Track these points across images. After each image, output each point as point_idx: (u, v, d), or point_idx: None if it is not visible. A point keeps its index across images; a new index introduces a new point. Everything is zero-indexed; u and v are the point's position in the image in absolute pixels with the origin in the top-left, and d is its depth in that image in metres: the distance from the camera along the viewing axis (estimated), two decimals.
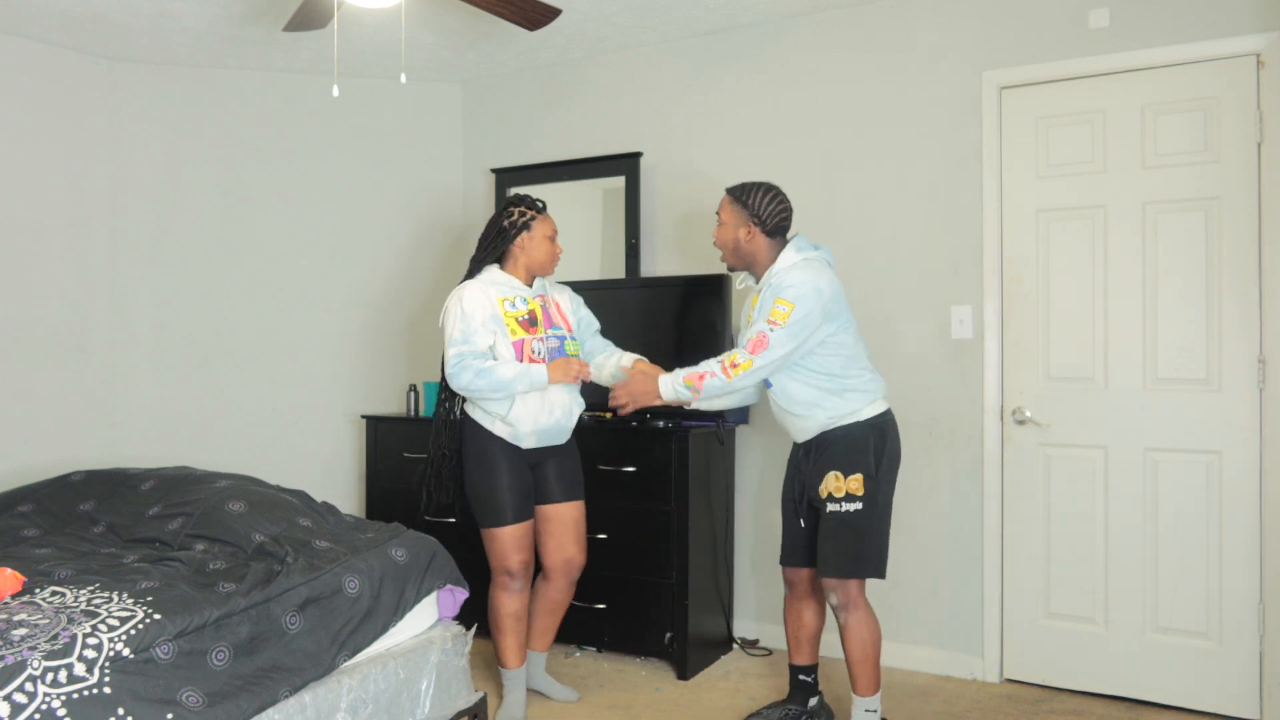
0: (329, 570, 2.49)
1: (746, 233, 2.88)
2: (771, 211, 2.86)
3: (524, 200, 3.13)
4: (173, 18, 3.80)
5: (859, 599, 2.84)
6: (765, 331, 2.73)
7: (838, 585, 2.82)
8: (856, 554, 2.80)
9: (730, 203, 2.92)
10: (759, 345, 2.74)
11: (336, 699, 2.38)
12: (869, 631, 2.85)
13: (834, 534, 2.80)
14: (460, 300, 2.99)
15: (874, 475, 2.80)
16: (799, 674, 3.08)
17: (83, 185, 4.24)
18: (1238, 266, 3.13)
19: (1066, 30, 3.36)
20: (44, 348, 4.10)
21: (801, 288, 2.74)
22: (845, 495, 2.79)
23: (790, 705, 3.08)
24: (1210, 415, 3.17)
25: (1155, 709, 3.24)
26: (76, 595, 2.21)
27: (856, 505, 2.78)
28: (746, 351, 2.76)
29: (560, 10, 3.07)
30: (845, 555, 2.79)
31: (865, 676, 2.86)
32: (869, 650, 2.85)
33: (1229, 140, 3.14)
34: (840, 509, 2.80)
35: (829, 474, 2.81)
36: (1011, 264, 3.48)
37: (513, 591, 3.11)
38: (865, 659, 2.85)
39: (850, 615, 2.84)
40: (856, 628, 2.84)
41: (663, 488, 3.57)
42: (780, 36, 3.90)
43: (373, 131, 4.64)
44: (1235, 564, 3.14)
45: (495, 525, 3.05)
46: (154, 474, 3.18)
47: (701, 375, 2.80)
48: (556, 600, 3.27)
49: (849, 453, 2.80)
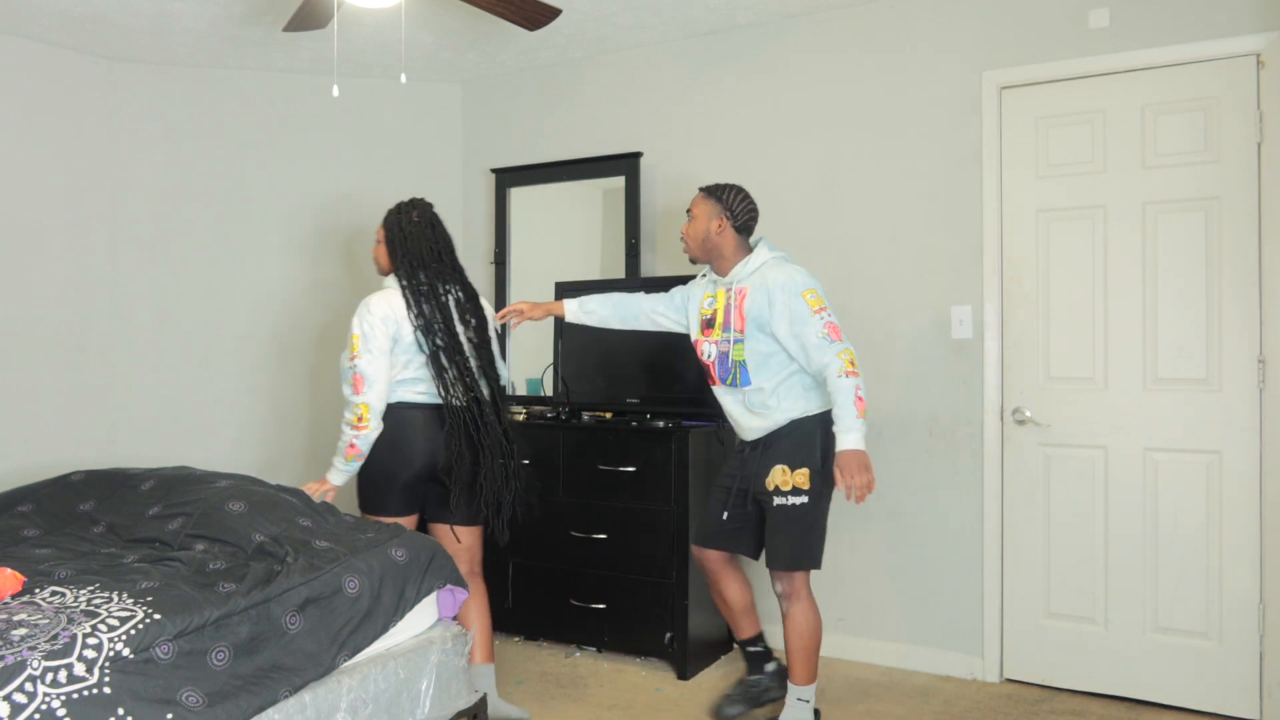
0: (329, 570, 2.49)
1: (718, 225, 2.99)
2: (742, 208, 3.00)
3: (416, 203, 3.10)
4: (173, 18, 3.81)
5: (803, 589, 2.94)
6: (829, 320, 2.82)
7: (784, 576, 2.93)
8: (804, 546, 2.89)
9: (704, 198, 3.03)
10: (835, 331, 2.82)
11: (336, 699, 2.38)
12: (810, 623, 2.94)
13: (782, 527, 2.89)
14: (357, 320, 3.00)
15: (819, 470, 2.88)
16: (747, 647, 3.18)
17: (83, 185, 4.24)
18: (1238, 266, 3.13)
19: (1066, 30, 3.36)
20: (44, 348, 4.10)
21: (805, 275, 2.89)
22: (791, 489, 2.87)
23: (749, 679, 3.18)
24: (1210, 415, 3.17)
25: (1155, 709, 3.24)
26: (76, 595, 2.21)
27: (802, 499, 2.86)
28: (837, 343, 2.80)
29: (560, 10, 3.07)
30: (794, 548, 2.88)
31: (802, 666, 2.93)
32: (808, 640, 2.93)
33: (1229, 140, 3.14)
34: (786, 502, 2.87)
35: (776, 467, 2.89)
36: (1011, 264, 3.48)
37: None
38: (804, 649, 2.92)
39: (794, 605, 2.93)
40: (799, 618, 2.92)
41: (663, 488, 3.57)
42: (780, 36, 3.90)
43: (373, 131, 4.64)
44: (1235, 564, 3.14)
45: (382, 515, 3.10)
46: (154, 474, 3.18)
47: (858, 397, 2.76)
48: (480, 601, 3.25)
49: (797, 447, 2.88)
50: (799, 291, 2.84)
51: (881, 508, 3.67)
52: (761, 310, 2.88)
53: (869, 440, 3.11)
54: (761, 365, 2.90)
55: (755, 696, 3.16)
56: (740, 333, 2.92)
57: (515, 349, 4.52)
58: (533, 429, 3.90)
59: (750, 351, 2.91)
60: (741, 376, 2.94)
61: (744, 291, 2.93)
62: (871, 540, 3.69)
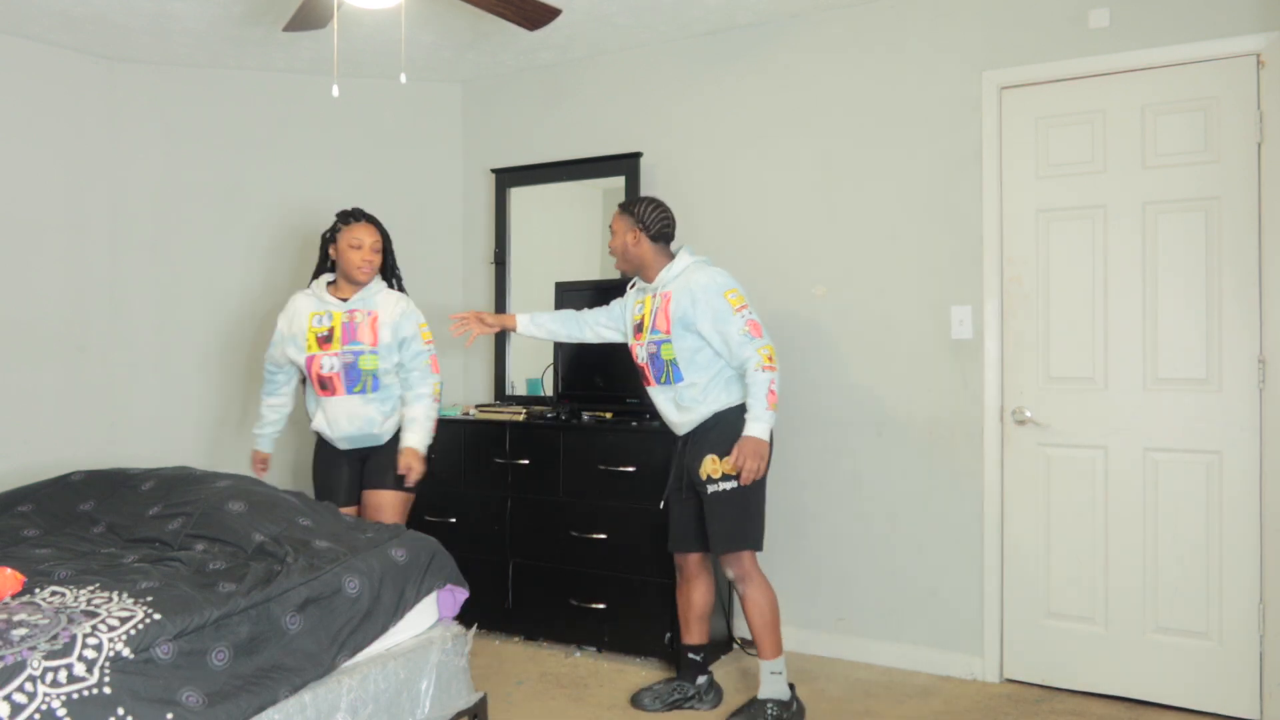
0: (329, 570, 2.49)
1: (634, 238, 3.19)
2: (654, 219, 3.19)
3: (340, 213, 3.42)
4: (173, 18, 3.81)
5: (753, 570, 3.12)
6: (750, 317, 3.04)
7: (732, 560, 3.10)
8: (740, 528, 3.07)
9: (620, 215, 3.24)
10: (756, 329, 3.04)
11: (336, 699, 2.38)
12: (766, 599, 3.10)
13: (718, 513, 3.06)
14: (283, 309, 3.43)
15: None
16: (688, 652, 3.31)
17: (83, 185, 4.24)
18: (1238, 266, 3.13)
19: (1066, 30, 3.36)
20: (44, 348, 4.10)
21: (726, 277, 3.09)
22: (722, 476, 3.04)
23: (680, 681, 3.31)
24: (1210, 415, 3.17)
25: (1155, 709, 3.24)
26: (76, 595, 2.21)
27: (731, 484, 3.04)
28: (757, 339, 3.02)
29: (560, 10, 3.07)
30: (730, 530, 3.06)
31: (767, 641, 3.09)
32: (768, 616, 3.09)
33: (1229, 140, 3.14)
34: (720, 489, 3.05)
35: (706, 458, 3.05)
36: (1011, 264, 3.48)
37: None
38: (765, 624, 3.09)
39: (747, 586, 3.11)
40: (754, 596, 3.10)
41: (663, 488, 3.57)
42: (780, 36, 3.90)
43: (373, 131, 4.64)
44: (1235, 564, 3.14)
45: None
46: (154, 474, 3.18)
47: (770, 390, 2.99)
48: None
49: (724, 437, 3.05)
50: (720, 291, 3.04)
51: (881, 508, 3.67)
52: (685, 310, 3.06)
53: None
54: (690, 361, 3.09)
55: (676, 701, 3.26)
56: (666, 333, 3.12)
57: (515, 349, 4.52)
58: (533, 429, 3.90)
59: (679, 349, 3.10)
60: (675, 374, 3.13)
61: (669, 295, 3.13)
62: (871, 540, 3.69)
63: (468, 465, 4.02)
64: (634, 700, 3.30)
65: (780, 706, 3.07)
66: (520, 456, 3.89)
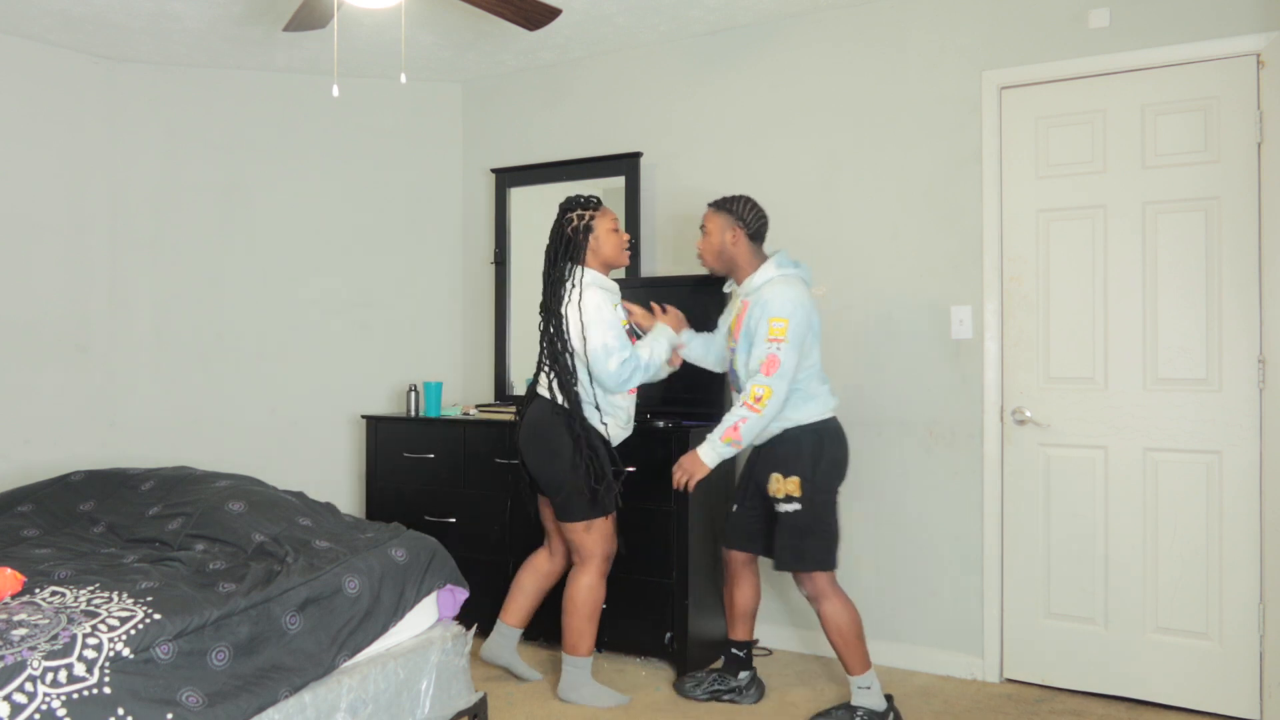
0: (329, 570, 2.49)
1: (732, 236, 3.14)
2: (753, 216, 3.15)
3: (577, 202, 3.23)
4: (173, 18, 3.81)
5: (827, 588, 3.06)
6: (773, 352, 2.98)
7: (804, 579, 3.08)
8: (800, 551, 3.04)
9: (715, 212, 3.19)
10: (772, 366, 2.98)
11: (336, 699, 2.38)
12: (843, 617, 3.05)
13: (780, 533, 3.06)
14: (600, 309, 3.13)
15: (810, 478, 3.04)
16: (731, 648, 3.34)
17: (83, 185, 4.24)
18: (1238, 266, 3.13)
19: (1066, 30, 3.36)
20: (44, 348, 4.10)
21: (789, 303, 3.00)
22: (785, 496, 3.04)
23: (722, 673, 3.33)
24: (1210, 415, 3.17)
25: (1155, 709, 3.24)
26: (76, 595, 2.21)
27: (795, 506, 3.03)
28: (762, 376, 2.98)
29: (560, 10, 3.08)
30: (789, 551, 3.05)
31: (852, 658, 3.05)
32: (847, 634, 3.04)
33: (1229, 140, 3.14)
34: (783, 510, 3.05)
35: (772, 474, 3.07)
36: (1011, 264, 3.48)
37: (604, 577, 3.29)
38: (847, 642, 3.04)
39: (822, 605, 3.06)
40: (831, 616, 3.05)
41: (663, 488, 3.57)
42: (780, 36, 3.90)
43: (373, 131, 4.64)
44: (1235, 564, 3.14)
45: (606, 513, 3.21)
46: (154, 474, 3.18)
47: (735, 426, 3.02)
48: (555, 580, 3.47)
49: (788, 456, 3.06)
50: (768, 316, 3.01)
51: (881, 508, 3.67)
52: (753, 327, 3.06)
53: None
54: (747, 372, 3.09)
55: (718, 690, 3.31)
56: (737, 342, 3.13)
57: (515, 349, 4.52)
58: None
59: (740, 364, 3.12)
60: (736, 382, 3.18)
61: (746, 305, 3.11)
62: (872, 540, 3.69)
63: (468, 465, 4.02)
64: (676, 686, 3.36)
65: (872, 716, 3.03)
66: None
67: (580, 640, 3.24)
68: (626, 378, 3.15)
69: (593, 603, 3.24)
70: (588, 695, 3.24)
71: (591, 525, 3.19)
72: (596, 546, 3.22)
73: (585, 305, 3.12)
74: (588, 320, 3.11)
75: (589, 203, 3.23)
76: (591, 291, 3.15)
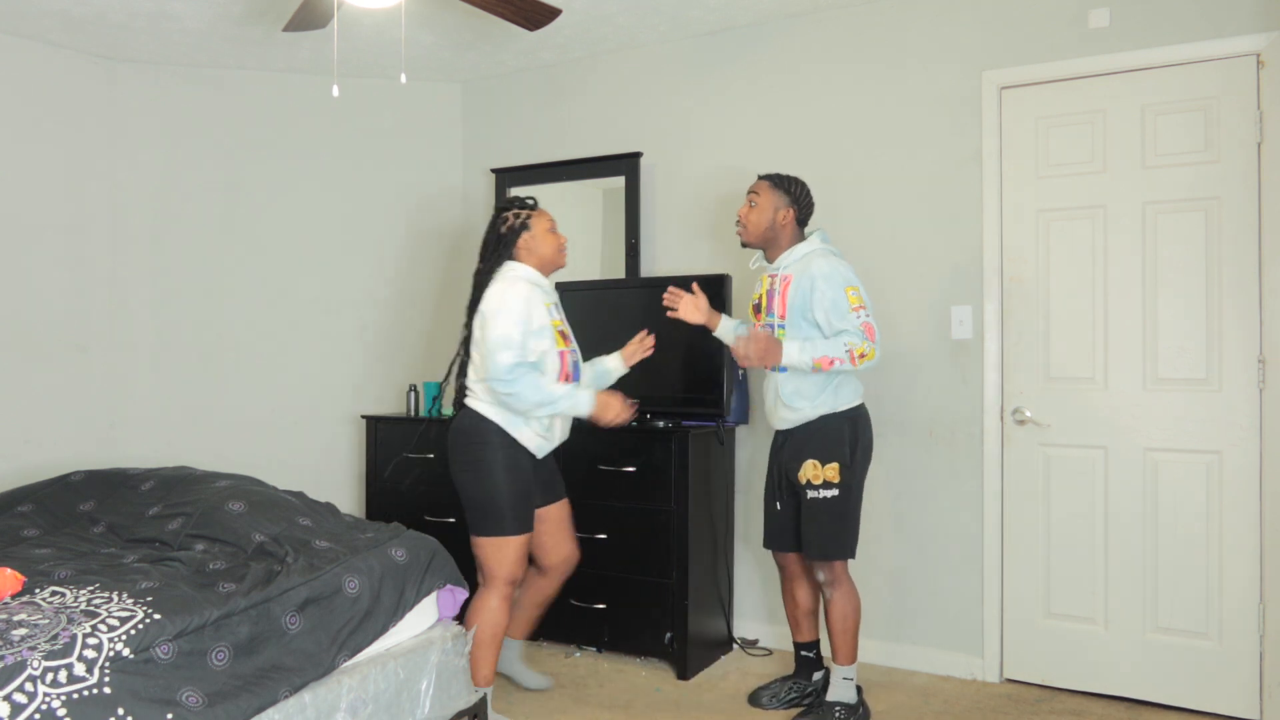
0: (329, 570, 2.49)
1: (784, 215, 3.11)
2: (807, 201, 3.15)
3: (514, 203, 3.12)
4: (173, 18, 3.81)
5: (843, 576, 3.09)
6: (866, 320, 2.95)
7: (824, 565, 3.07)
8: (836, 537, 3.03)
9: (771, 187, 3.14)
10: (872, 332, 2.95)
11: (336, 699, 2.38)
12: (851, 606, 3.09)
13: (814, 519, 3.03)
14: (517, 300, 2.89)
15: (849, 464, 3.03)
16: (800, 650, 3.30)
17: (83, 185, 4.24)
18: (1238, 266, 3.13)
19: (1066, 30, 3.36)
20: (44, 348, 4.10)
21: (849, 270, 3.00)
22: (823, 482, 3.01)
23: (796, 679, 3.29)
24: (1210, 415, 3.17)
25: (1155, 709, 3.24)
26: (76, 595, 2.21)
27: (834, 492, 3.01)
28: (870, 341, 2.94)
29: (560, 10, 3.07)
30: (826, 538, 3.03)
31: (845, 647, 3.09)
32: (849, 623, 3.08)
33: (1229, 140, 3.14)
34: (819, 495, 3.02)
35: (807, 462, 3.03)
36: (1011, 264, 3.48)
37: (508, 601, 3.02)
38: (845, 630, 3.08)
39: (835, 591, 3.08)
40: (840, 602, 3.08)
41: (663, 488, 3.57)
42: (780, 37, 3.90)
43: (373, 131, 4.64)
44: (1235, 564, 3.14)
45: (511, 533, 2.95)
46: (154, 474, 3.18)
47: (830, 359, 2.92)
48: (550, 595, 3.32)
49: (826, 442, 3.02)
50: (842, 285, 2.96)
51: (881, 507, 3.67)
52: (805, 297, 3.00)
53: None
54: None
55: (794, 700, 3.25)
56: (782, 319, 3.05)
57: None
58: None
59: (790, 339, 3.02)
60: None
61: (789, 279, 3.05)
62: (871, 540, 3.69)
63: None
64: (752, 699, 3.30)
65: (847, 710, 3.08)
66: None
67: (479, 668, 2.96)
68: (514, 388, 2.84)
69: (493, 630, 2.97)
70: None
71: (504, 544, 2.95)
72: (501, 567, 2.95)
73: (505, 294, 2.89)
74: (495, 308, 2.88)
75: (525, 203, 3.11)
76: (518, 285, 2.93)
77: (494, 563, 2.96)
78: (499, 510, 2.94)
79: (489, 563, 2.97)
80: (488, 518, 2.95)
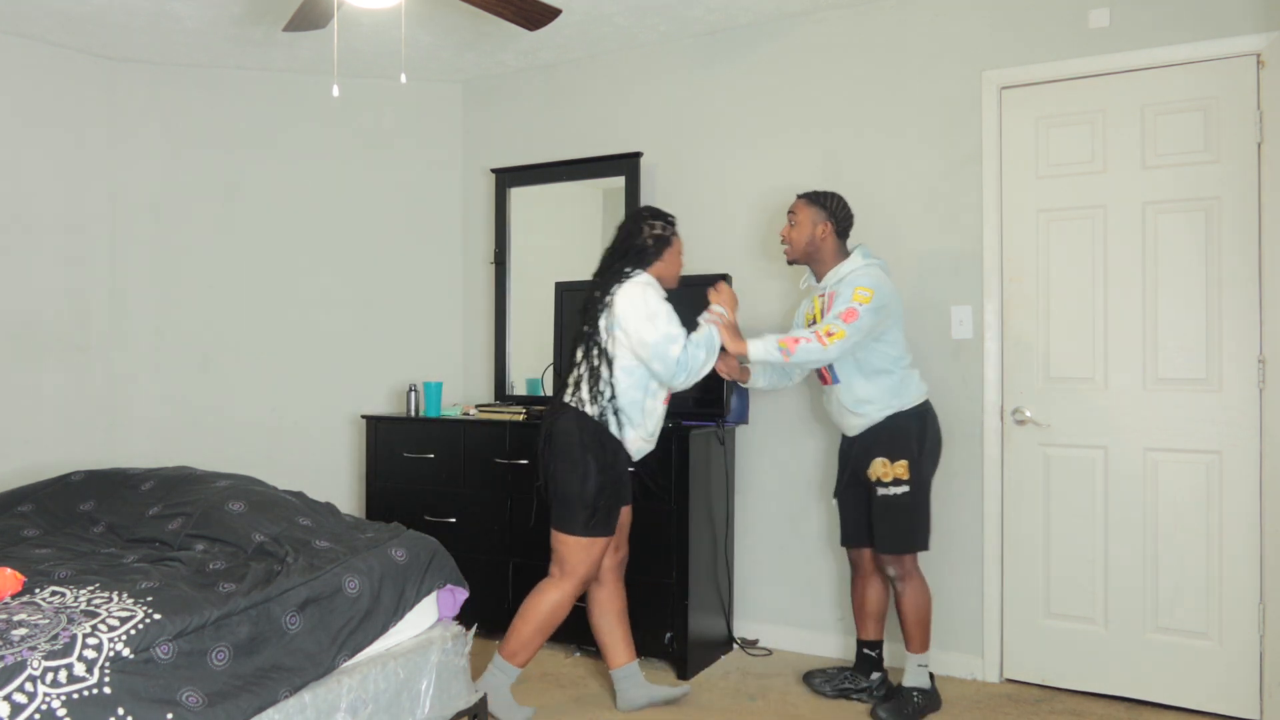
0: (329, 570, 2.49)
1: (823, 230, 3.19)
2: (844, 214, 3.21)
3: (663, 215, 3.16)
4: (173, 18, 3.81)
5: (913, 570, 3.18)
6: (854, 306, 3.01)
7: (894, 559, 3.15)
8: (907, 532, 3.12)
9: (808, 204, 3.22)
10: (851, 316, 3.00)
11: (336, 699, 2.38)
12: (924, 597, 3.18)
13: (885, 515, 3.12)
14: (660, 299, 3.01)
15: (917, 460, 3.12)
16: (863, 648, 3.38)
17: (83, 185, 4.24)
18: (1238, 266, 3.13)
19: (1066, 30, 3.36)
20: (44, 348, 4.10)
21: (877, 283, 3.07)
22: (893, 480, 3.10)
23: (854, 673, 3.37)
24: (1210, 415, 3.17)
25: (1155, 709, 3.24)
26: (76, 595, 2.21)
27: (903, 488, 3.10)
28: (840, 322, 2.99)
29: (560, 10, 3.07)
30: (898, 534, 3.12)
31: (918, 637, 3.18)
32: (922, 614, 3.17)
33: (1229, 140, 3.14)
34: (889, 492, 3.11)
35: (876, 459, 3.12)
36: (1011, 264, 3.48)
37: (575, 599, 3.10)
38: (919, 621, 3.17)
39: (907, 584, 3.17)
40: (912, 595, 3.17)
41: (663, 488, 3.57)
42: (780, 36, 3.90)
43: (373, 131, 4.64)
44: (1235, 564, 3.14)
45: (602, 535, 3.02)
46: (154, 474, 3.18)
47: (796, 340, 3.00)
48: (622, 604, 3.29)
49: (894, 440, 3.11)
50: (855, 284, 3.06)
51: None
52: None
53: None
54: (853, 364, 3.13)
55: (846, 689, 3.34)
56: None
57: (515, 349, 4.52)
58: (533, 429, 3.89)
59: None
60: (833, 374, 3.19)
61: (834, 295, 3.14)
62: None
63: (468, 465, 4.02)
64: (805, 678, 3.43)
65: (924, 695, 3.18)
66: (520, 456, 3.89)
67: (522, 649, 3.05)
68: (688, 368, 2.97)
69: (552, 620, 3.05)
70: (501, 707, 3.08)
71: (593, 544, 3.02)
72: (583, 566, 3.03)
73: (646, 297, 2.98)
74: (649, 311, 2.96)
75: (670, 218, 3.15)
76: (651, 288, 3.02)
77: (577, 560, 3.04)
78: (596, 511, 3.01)
79: (573, 559, 3.03)
80: (583, 516, 3.01)
